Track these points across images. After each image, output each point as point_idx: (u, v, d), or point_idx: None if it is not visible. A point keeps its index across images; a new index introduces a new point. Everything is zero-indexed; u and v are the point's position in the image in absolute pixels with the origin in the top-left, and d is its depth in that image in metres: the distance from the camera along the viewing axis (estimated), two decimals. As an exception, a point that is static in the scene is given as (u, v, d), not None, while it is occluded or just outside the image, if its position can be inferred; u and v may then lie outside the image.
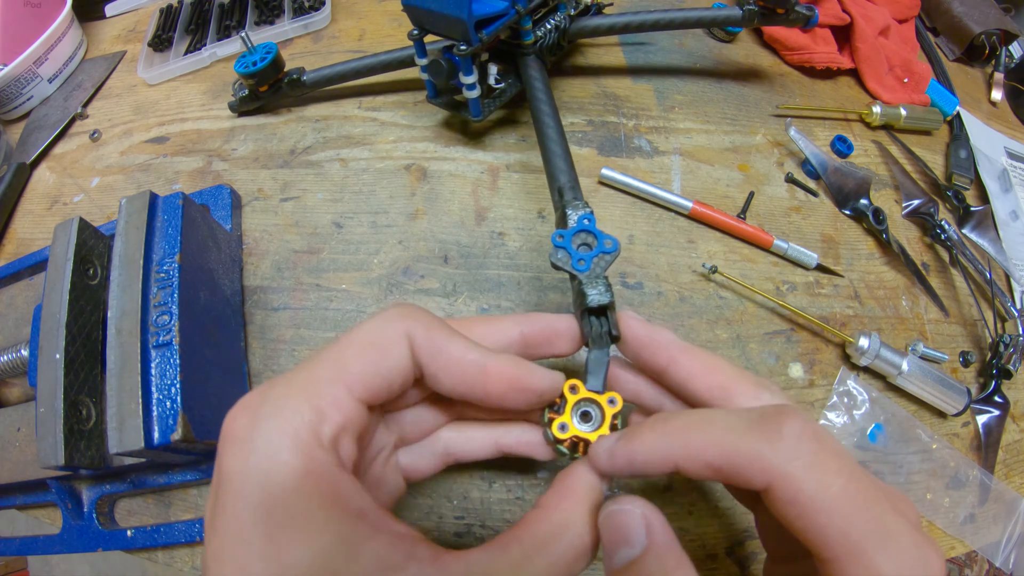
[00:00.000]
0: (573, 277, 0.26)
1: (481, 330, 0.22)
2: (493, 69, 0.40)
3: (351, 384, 0.17)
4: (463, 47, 0.35)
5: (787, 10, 0.43)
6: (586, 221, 0.28)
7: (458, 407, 0.24)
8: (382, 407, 0.21)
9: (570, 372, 0.23)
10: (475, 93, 0.38)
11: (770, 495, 0.16)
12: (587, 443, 0.21)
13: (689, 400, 0.22)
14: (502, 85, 0.41)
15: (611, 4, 0.39)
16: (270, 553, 0.15)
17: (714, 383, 0.20)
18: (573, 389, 0.22)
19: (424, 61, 0.39)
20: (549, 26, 0.41)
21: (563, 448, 0.22)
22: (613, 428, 0.22)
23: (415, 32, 0.37)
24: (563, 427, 0.22)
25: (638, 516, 0.18)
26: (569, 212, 0.29)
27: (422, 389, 0.22)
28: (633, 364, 0.24)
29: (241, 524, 0.15)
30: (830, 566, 0.16)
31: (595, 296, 0.25)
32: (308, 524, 0.15)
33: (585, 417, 0.22)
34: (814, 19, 0.43)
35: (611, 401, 0.22)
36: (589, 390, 0.22)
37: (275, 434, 0.16)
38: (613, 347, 0.24)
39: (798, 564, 0.20)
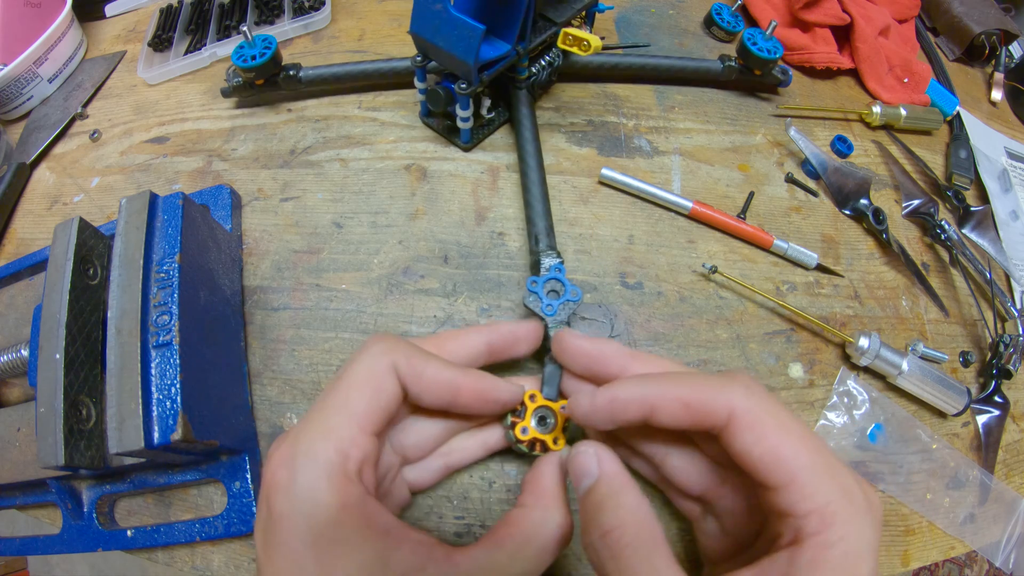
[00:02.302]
0: (541, 319, 0.31)
1: (451, 346, 0.25)
2: (486, 102, 0.42)
3: (362, 423, 0.20)
4: (464, 86, 0.36)
5: (764, 73, 0.46)
6: (557, 271, 0.33)
7: (450, 419, 0.27)
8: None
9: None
10: (468, 124, 0.40)
11: (732, 425, 0.19)
12: (544, 443, 0.25)
13: None
14: (492, 115, 0.43)
15: (603, 39, 0.40)
16: (322, 572, 0.18)
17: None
18: (532, 398, 0.26)
19: (423, 85, 0.40)
20: (544, 63, 0.42)
21: (523, 447, 0.25)
22: (564, 430, 0.26)
23: (418, 59, 0.38)
24: (524, 430, 0.25)
25: (592, 454, 0.22)
26: (543, 260, 0.34)
27: (409, 406, 0.25)
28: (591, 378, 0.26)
29: (295, 553, 0.18)
30: (775, 493, 0.19)
31: None
32: (349, 545, 0.18)
33: (542, 421, 0.26)
34: (787, 81, 0.48)
35: (563, 408, 0.25)
36: (545, 398, 0.26)
37: (313, 479, 0.19)
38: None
39: (736, 560, 0.22)
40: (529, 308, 0.31)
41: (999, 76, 0.60)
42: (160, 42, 0.52)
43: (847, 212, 0.44)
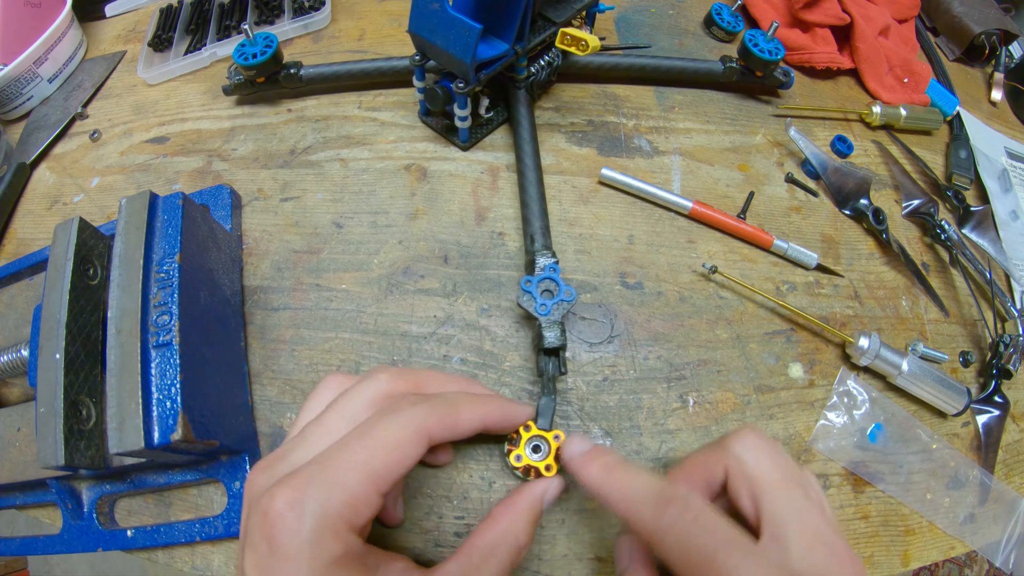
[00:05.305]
0: (535, 318, 0.31)
1: (439, 388, 0.26)
2: (485, 101, 0.42)
3: (379, 485, 0.21)
4: (461, 85, 0.36)
5: (765, 74, 0.46)
6: (551, 271, 0.33)
7: None
8: None
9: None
10: (466, 124, 0.40)
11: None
12: (537, 469, 0.27)
13: None
14: (491, 115, 0.43)
15: (603, 39, 0.40)
16: None
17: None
18: (527, 428, 0.28)
19: (421, 84, 0.40)
20: (543, 63, 0.42)
21: (518, 472, 0.27)
22: (556, 459, 0.28)
23: (417, 58, 0.38)
24: (518, 457, 0.27)
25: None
26: (538, 260, 0.33)
27: None
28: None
29: None
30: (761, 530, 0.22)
31: (551, 339, 0.31)
32: None
33: (536, 449, 0.28)
34: (788, 83, 0.48)
35: (556, 437, 0.28)
36: (539, 428, 0.28)
37: (321, 527, 0.20)
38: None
39: None
40: (523, 308, 0.31)
41: (999, 76, 0.60)
42: (160, 42, 0.52)
43: (847, 212, 0.44)
